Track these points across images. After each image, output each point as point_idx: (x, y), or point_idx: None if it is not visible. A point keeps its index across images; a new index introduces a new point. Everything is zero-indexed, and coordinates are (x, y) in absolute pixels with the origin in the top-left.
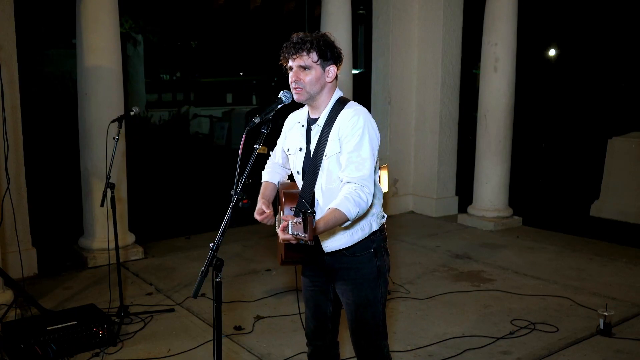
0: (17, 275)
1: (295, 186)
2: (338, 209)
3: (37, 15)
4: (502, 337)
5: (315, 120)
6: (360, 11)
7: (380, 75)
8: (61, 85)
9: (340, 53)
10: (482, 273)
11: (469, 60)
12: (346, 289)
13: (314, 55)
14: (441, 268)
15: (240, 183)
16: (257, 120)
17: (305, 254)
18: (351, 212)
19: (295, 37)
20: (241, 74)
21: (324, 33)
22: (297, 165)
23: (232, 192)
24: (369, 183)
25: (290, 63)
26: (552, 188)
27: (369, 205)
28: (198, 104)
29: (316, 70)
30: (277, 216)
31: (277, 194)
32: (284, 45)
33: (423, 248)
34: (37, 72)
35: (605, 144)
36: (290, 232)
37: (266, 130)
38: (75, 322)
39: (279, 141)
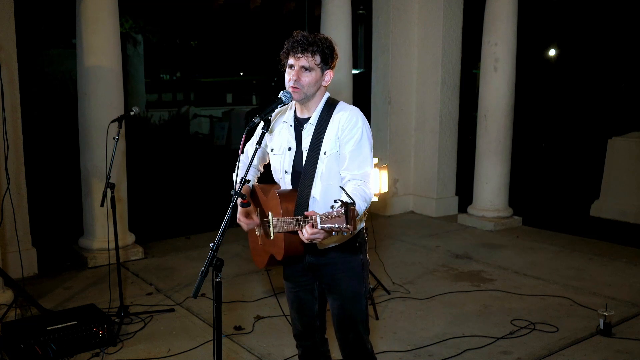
0: (17, 275)
1: (279, 186)
2: None
3: (37, 15)
4: (502, 337)
5: (306, 119)
6: (360, 11)
7: (380, 75)
8: (61, 85)
9: (336, 58)
10: (482, 273)
11: (469, 60)
12: (332, 283)
13: (317, 58)
14: (441, 268)
15: (240, 183)
16: (257, 120)
17: (305, 251)
18: (361, 207)
19: (299, 36)
20: (241, 74)
21: (327, 37)
22: (284, 164)
23: (232, 192)
24: (370, 178)
25: (291, 61)
26: (552, 188)
27: (371, 199)
28: (198, 104)
29: (316, 73)
30: (263, 219)
31: (254, 195)
32: (289, 41)
33: (423, 248)
34: (37, 72)
35: (605, 144)
36: (320, 227)
37: (266, 130)
38: (75, 322)
39: (251, 141)
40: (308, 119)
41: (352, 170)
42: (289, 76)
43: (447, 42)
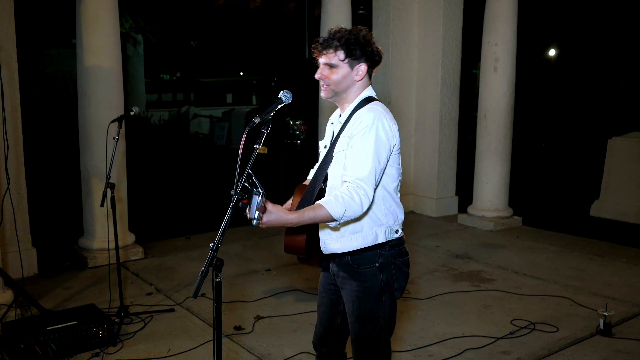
0: (17, 275)
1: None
2: (321, 205)
3: (37, 15)
4: (502, 337)
5: (340, 117)
6: (360, 11)
7: (380, 75)
8: (61, 85)
9: (376, 51)
10: (482, 273)
11: (469, 60)
12: (347, 299)
13: (341, 54)
14: (441, 268)
15: (240, 183)
16: (257, 120)
17: (305, 250)
18: (336, 211)
19: (328, 32)
20: (241, 74)
21: (361, 29)
22: (319, 162)
23: (232, 192)
24: (365, 185)
25: (319, 58)
26: (552, 188)
27: (364, 208)
28: (198, 104)
29: (343, 69)
30: None
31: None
32: (315, 39)
33: (423, 248)
34: (37, 72)
35: (605, 144)
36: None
37: (266, 130)
38: (75, 322)
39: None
40: (341, 116)
41: (347, 172)
42: (317, 74)
43: (447, 42)
